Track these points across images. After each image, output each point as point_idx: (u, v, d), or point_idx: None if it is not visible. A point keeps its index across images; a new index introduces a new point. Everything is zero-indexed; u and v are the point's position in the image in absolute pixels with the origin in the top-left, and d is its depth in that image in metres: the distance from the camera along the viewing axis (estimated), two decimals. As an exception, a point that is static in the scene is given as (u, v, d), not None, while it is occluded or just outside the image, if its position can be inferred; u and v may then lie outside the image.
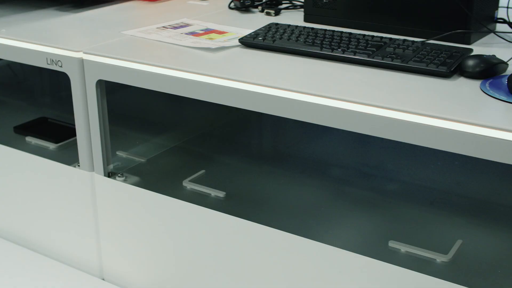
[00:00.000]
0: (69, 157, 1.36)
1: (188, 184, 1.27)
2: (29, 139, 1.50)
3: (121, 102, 1.62)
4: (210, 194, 1.24)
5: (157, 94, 1.17)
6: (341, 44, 1.15)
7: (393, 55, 1.08)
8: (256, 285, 1.14)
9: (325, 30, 1.22)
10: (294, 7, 1.53)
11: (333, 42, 1.16)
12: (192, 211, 1.17)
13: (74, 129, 1.29)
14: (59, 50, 1.22)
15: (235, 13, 1.50)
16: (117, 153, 1.40)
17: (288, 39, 1.19)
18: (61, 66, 1.22)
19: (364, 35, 1.18)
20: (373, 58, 1.09)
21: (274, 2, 1.53)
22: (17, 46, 1.28)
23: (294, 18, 1.43)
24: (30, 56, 1.26)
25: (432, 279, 0.95)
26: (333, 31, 1.22)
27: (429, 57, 1.06)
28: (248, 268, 1.14)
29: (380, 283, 1.00)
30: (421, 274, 0.96)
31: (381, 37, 1.17)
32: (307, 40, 1.18)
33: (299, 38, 1.19)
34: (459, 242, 1.09)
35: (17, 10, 1.52)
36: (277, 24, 1.28)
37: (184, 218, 1.18)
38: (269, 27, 1.27)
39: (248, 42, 1.20)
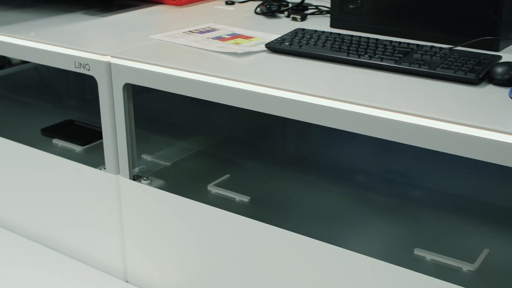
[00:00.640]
0: (95, 159, 1.37)
1: (213, 188, 1.28)
2: (56, 141, 1.51)
3: (147, 106, 1.63)
4: (235, 198, 1.25)
5: (183, 98, 1.17)
6: (368, 50, 1.14)
7: (421, 62, 1.08)
8: (280, 290, 1.14)
9: (352, 36, 1.22)
10: (320, 12, 1.53)
11: (360, 48, 1.16)
12: (216, 216, 1.17)
13: (100, 132, 1.30)
14: (87, 53, 1.23)
15: (261, 18, 1.50)
16: (143, 156, 1.40)
17: (315, 45, 1.19)
18: (88, 70, 1.24)
19: (391, 41, 1.18)
20: (400, 64, 1.08)
21: (300, 7, 1.53)
22: (46, 49, 1.29)
23: (320, 23, 1.43)
24: (58, 59, 1.28)
25: (458, 288, 0.94)
26: (360, 37, 1.21)
27: (457, 63, 1.06)
28: (271, 273, 1.14)
29: (405, 291, 0.99)
30: (447, 282, 0.95)
31: (408, 44, 1.16)
32: (334, 45, 1.18)
33: (325, 44, 1.19)
34: (486, 251, 1.08)
35: (45, 14, 1.54)
36: (303, 29, 1.28)
37: (209, 222, 1.19)
38: (295, 32, 1.27)
39: (274, 47, 1.21)
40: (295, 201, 1.28)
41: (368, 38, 1.20)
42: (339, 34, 1.24)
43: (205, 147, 1.48)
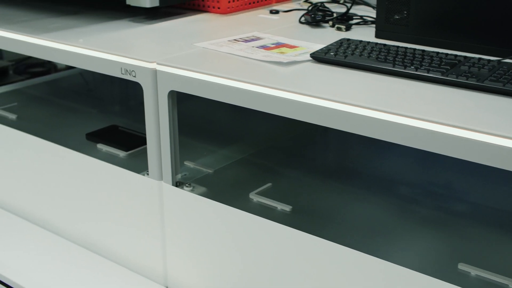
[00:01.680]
0: (138, 165, 1.38)
1: (254, 197, 1.28)
2: (100, 146, 1.53)
3: (190, 113, 1.64)
4: (277, 207, 1.25)
5: (226, 106, 1.18)
6: (414, 62, 1.13)
7: (468, 74, 1.06)
8: (320, 301, 1.13)
9: (398, 46, 1.21)
10: (365, 22, 1.52)
11: (406, 59, 1.15)
12: (258, 224, 1.17)
13: (144, 138, 1.31)
14: (133, 60, 1.25)
15: (306, 27, 1.50)
16: (185, 163, 1.41)
17: (360, 55, 1.18)
18: (134, 76, 1.25)
19: (437, 53, 1.17)
20: (447, 76, 1.07)
21: (345, 17, 1.52)
22: (93, 55, 1.31)
23: (365, 33, 1.42)
24: (105, 65, 1.29)
25: (503, 304, 0.92)
26: (406, 48, 1.21)
27: (506, 76, 1.04)
28: (312, 283, 1.13)
29: (449, 306, 0.98)
30: (492, 299, 0.93)
31: (455, 55, 1.15)
32: (379, 56, 1.17)
33: (371, 54, 1.18)
34: (532, 268, 1.06)
35: (93, 21, 1.57)
36: (348, 39, 1.28)
37: (250, 231, 1.19)
38: (340, 42, 1.26)
39: (319, 57, 1.20)
40: (337, 211, 1.27)
41: (414, 49, 1.19)
42: (384, 44, 1.23)
43: (247, 155, 1.49)
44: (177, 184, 1.30)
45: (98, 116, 1.82)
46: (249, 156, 1.49)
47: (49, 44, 1.39)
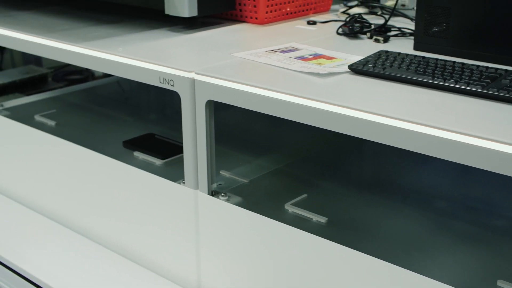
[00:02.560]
0: (174, 173, 1.39)
1: (290, 208, 1.27)
2: (137, 154, 1.55)
3: (226, 122, 1.65)
4: (312, 219, 1.24)
5: (262, 116, 1.18)
6: (454, 74, 1.12)
7: (509, 88, 1.05)
8: (355, 314, 1.12)
9: (437, 59, 1.21)
10: (403, 34, 1.51)
11: (445, 72, 1.14)
12: (293, 235, 1.17)
13: (180, 146, 1.32)
14: (172, 70, 1.26)
15: (343, 39, 1.50)
16: (221, 172, 1.42)
17: (399, 67, 1.18)
18: (173, 85, 1.26)
19: (477, 66, 1.16)
20: (487, 90, 1.06)
21: (383, 29, 1.52)
22: (132, 64, 1.33)
23: (403, 45, 1.42)
24: (144, 74, 1.31)
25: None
26: (445, 60, 1.20)
27: (549, 91, 1.02)
28: (347, 297, 1.13)
29: (487, 323, 0.96)
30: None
31: (496, 69, 1.14)
32: (418, 69, 1.16)
33: (409, 67, 1.17)
34: None
35: (133, 30, 1.59)
36: (387, 51, 1.27)
37: (285, 241, 1.18)
38: (379, 54, 1.26)
39: (357, 68, 1.20)
40: (373, 224, 1.26)
41: (454, 62, 1.18)
42: (423, 57, 1.23)
43: (282, 166, 1.48)
44: (213, 193, 1.30)
45: (135, 124, 1.83)
46: (285, 167, 1.48)
47: (90, 53, 1.41)
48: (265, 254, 1.23)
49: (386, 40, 1.46)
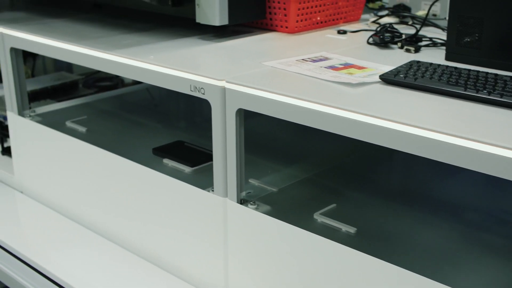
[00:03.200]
0: (203, 181, 1.39)
1: (319, 217, 1.27)
2: (166, 161, 1.56)
3: (255, 130, 1.65)
4: (341, 229, 1.24)
5: (291, 124, 1.18)
6: (487, 86, 1.11)
7: (544, 100, 1.04)
8: (383, 326, 1.11)
9: (469, 70, 1.20)
10: (434, 44, 1.50)
11: (478, 83, 1.13)
12: (322, 245, 1.16)
13: (209, 154, 1.32)
14: (203, 78, 1.27)
15: (374, 48, 1.49)
16: (250, 180, 1.42)
17: (430, 78, 1.17)
18: (203, 94, 1.27)
19: (511, 77, 1.14)
20: (521, 101, 1.05)
21: (414, 39, 1.51)
22: (163, 72, 1.34)
23: (434, 56, 1.41)
24: (175, 82, 1.32)
25: None
26: (478, 71, 1.19)
27: None
28: (375, 308, 1.12)
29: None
30: None
31: (530, 80, 1.13)
32: (450, 79, 1.15)
33: (441, 77, 1.17)
34: None
35: (164, 38, 1.60)
36: (418, 61, 1.27)
37: (314, 251, 1.18)
38: (410, 64, 1.25)
39: (389, 79, 1.20)
40: (402, 235, 1.25)
41: (487, 72, 1.17)
42: (455, 67, 1.22)
43: (311, 175, 1.48)
44: (242, 201, 1.30)
45: (164, 131, 1.85)
46: (313, 176, 1.48)
47: (122, 60, 1.42)
48: (293, 264, 1.23)
49: (417, 50, 1.45)
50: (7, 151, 2.02)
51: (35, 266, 1.55)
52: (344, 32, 1.65)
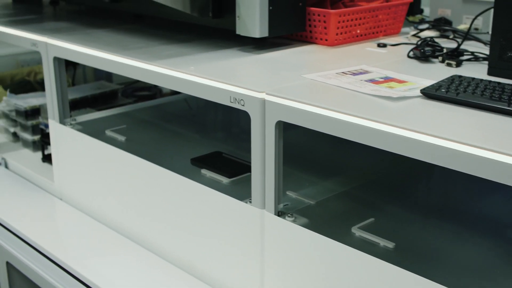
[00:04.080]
0: (240, 192, 1.40)
1: (357, 231, 1.26)
2: (204, 171, 1.56)
3: (293, 142, 1.65)
4: (379, 243, 1.23)
5: (328, 137, 1.18)
6: (531, 101, 1.10)
7: None
8: None
9: (513, 85, 1.18)
10: (476, 59, 1.49)
11: (522, 99, 1.11)
12: (360, 259, 1.15)
13: (247, 165, 1.33)
14: (243, 89, 1.27)
15: (414, 62, 1.48)
16: (287, 193, 1.42)
17: (473, 93, 1.16)
18: (243, 105, 1.27)
19: (556, 93, 1.13)
20: None
21: (455, 53, 1.50)
22: (204, 83, 1.35)
23: (476, 70, 1.39)
24: (215, 93, 1.33)
25: None
26: (522, 86, 1.17)
27: None
28: (413, 324, 1.11)
29: None
30: None
31: None
32: (493, 95, 1.14)
33: (484, 92, 1.15)
34: None
35: (203, 49, 1.61)
36: (460, 76, 1.25)
37: (352, 265, 1.17)
38: (452, 79, 1.24)
39: (430, 93, 1.19)
40: (441, 251, 1.24)
41: (531, 88, 1.16)
42: (498, 82, 1.20)
43: (349, 188, 1.47)
44: (279, 213, 1.30)
45: (201, 141, 1.86)
46: (352, 189, 1.47)
47: (163, 71, 1.44)
48: (330, 277, 1.22)
49: (458, 64, 1.43)
50: (47, 159, 2.06)
51: (73, 272, 1.57)
52: (384, 45, 1.65)
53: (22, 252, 1.72)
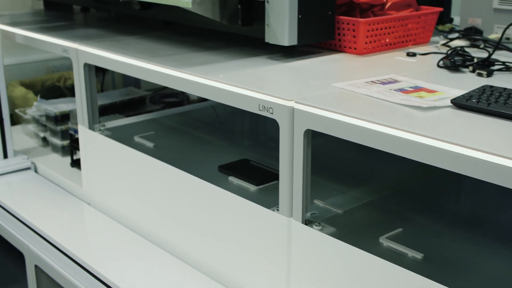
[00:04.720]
0: (268, 200, 1.40)
1: (385, 241, 1.25)
2: (231, 179, 1.57)
3: (321, 151, 1.64)
4: (407, 254, 1.22)
5: (355, 146, 1.17)
6: None
7: None
8: None
9: (545, 96, 1.17)
10: (508, 69, 1.47)
11: (555, 110, 1.10)
12: (388, 270, 1.15)
13: (274, 173, 1.32)
14: (272, 98, 1.27)
15: (444, 71, 1.47)
16: (315, 201, 1.41)
17: (505, 103, 1.15)
18: (272, 113, 1.28)
19: None
20: None
21: (486, 63, 1.48)
22: (233, 91, 1.35)
23: (508, 80, 1.38)
24: (244, 101, 1.33)
25: None
26: (554, 97, 1.16)
27: None
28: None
29: None
30: None
31: None
32: (525, 105, 1.13)
33: (516, 103, 1.14)
34: None
35: (232, 57, 1.62)
36: (491, 86, 1.24)
37: (380, 276, 1.17)
38: (483, 89, 1.23)
39: (461, 103, 1.18)
40: (470, 262, 1.23)
41: None
42: (530, 93, 1.19)
43: (377, 198, 1.47)
44: (306, 222, 1.30)
45: (228, 148, 1.86)
46: (379, 199, 1.47)
47: (193, 78, 1.45)
48: (357, 287, 1.21)
49: (489, 74, 1.42)
50: (76, 164, 2.08)
51: (100, 276, 1.58)
52: (414, 54, 1.64)
53: (50, 256, 1.74)
